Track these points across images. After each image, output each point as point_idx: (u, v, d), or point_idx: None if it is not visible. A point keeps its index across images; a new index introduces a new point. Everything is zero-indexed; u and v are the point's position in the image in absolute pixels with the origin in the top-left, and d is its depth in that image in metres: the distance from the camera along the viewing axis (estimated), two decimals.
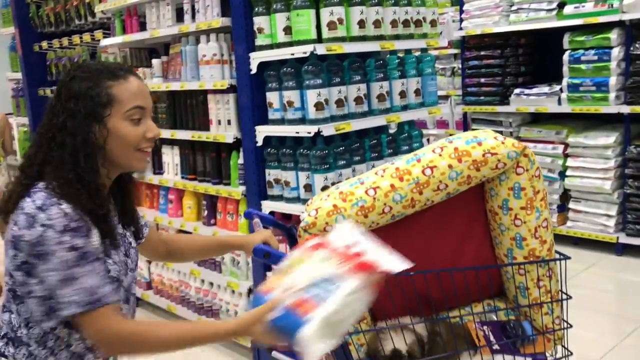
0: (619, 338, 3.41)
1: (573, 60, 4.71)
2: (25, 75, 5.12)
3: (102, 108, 1.43)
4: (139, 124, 1.48)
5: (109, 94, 1.44)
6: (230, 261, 3.36)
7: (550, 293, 1.85)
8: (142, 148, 1.49)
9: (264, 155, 2.99)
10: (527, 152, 1.74)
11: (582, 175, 4.77)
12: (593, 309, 3.79)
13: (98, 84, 1.44)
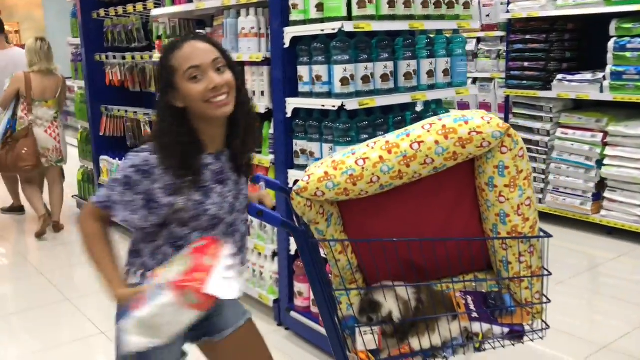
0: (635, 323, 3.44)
1: (618, 48, 4.65)
2: (83, 41, 5.42)
3: (171, 77, 1.71)
4: (199, 81, 1.70)
5: (171, 65, 1.72)
6: (258, 225, 3.55)
7: (531, 269, 1.95)
8: (209, 99, 1.71)
9: (293, 126, 3.15)
10: (511, 133, 1.83)
11: (619, 164, 4.73)
12: (616, 297, 3.82)
13: (165, 58, 1.73)
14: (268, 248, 3.49)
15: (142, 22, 4.84)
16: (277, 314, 3.50)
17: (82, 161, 6.04)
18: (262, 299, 3.58)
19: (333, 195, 1.85)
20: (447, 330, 1.90)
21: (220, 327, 1.98)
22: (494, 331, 1.93)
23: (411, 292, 1.92)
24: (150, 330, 1.54)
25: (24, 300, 4.16)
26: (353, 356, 1.89)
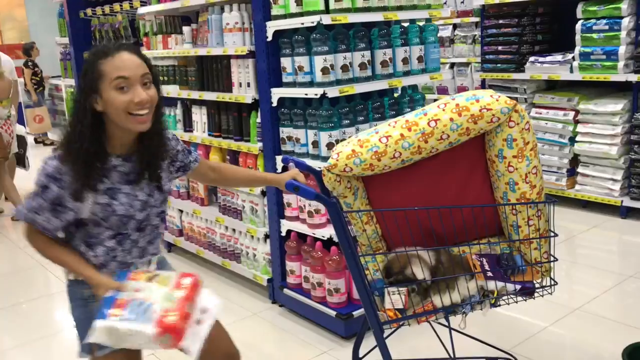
0: (605, 288, 3.70)
1: (585, 30, 4.88)
2: (71, 40, 5.57)
3: (96, 82, 1.74)
4: (125, 92, 1.75)
5: (99, 70, 1.74)
6: (250, 209, 3.75)
7: (539, 231, 2.19)
8: (132, 112, 1.76)
9: (278, 115, 3.35)
10: (518, 108, 2.07)
11: (590, 140, 4.98)
12: (590, 265, 4.07)
13: (94, 62, 1.75)
14: (260, 231, 3.70)
15: (128, 20, 4.99)
16: (270, 292, 3.72)
17: None
18: (256, 279, 3.79)
19: (360, 171, 2.07)
20: (466, 288, 2.13)
21: None
22: (508, 288, 2.16)
23: (432, 255, 2.14)
24: (117, 339, 1.71)
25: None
26: (382, 314, 2.11)
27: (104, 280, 1.80)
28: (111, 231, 1.86)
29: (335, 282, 3.20)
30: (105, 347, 1.83)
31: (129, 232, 1.89)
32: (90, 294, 1.85)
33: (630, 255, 4.35)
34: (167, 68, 4.26)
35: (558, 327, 3.27)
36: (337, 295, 3.21)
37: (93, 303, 1.84)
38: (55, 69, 6.47)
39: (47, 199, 1.77)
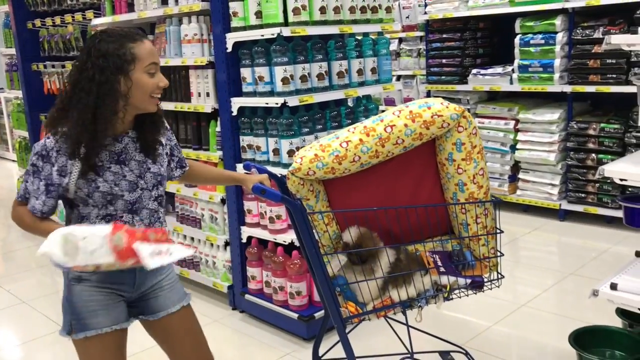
0: (547, 286, 3.94)
1: (523, 44, 5.19)
2: (19, 51, 5.48)
3: (127, 64, 1.82)
4: (153, 76, 1.88)
5: (132, 53, 1.82)
6: (209, 218, 3.81)
7: (487, 228, 2.36)
8: (154, 94, 1.90)
9: (239, 124, 3.43)
10: (466, 115, 2.23)
11: (530, 148, 5.27)
12: (532, 265, 4.31)
13: (123, 45, 1.81)
14: (220, 239, 3.76)
15: (80, 31, 4.97)
16: (231, 298, 3.78)
17: (21, 170, 6.07)
18: (216, 287, 3.84)
19: (322, 174, 2.18)
20: (421, 283, 2.25)
21: (154, 309, 2.08)
22: (459, 282, 2.30)
23: (391, 253, 2.27)
24: (70, 250, 1.66)
25: None
26: (344, 310, 2.22)
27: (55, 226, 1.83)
28: (97, 210, 1.90)
29: (297, 286, 3.30)
30: (85, 330, 1.91)
31: (117, 213, 1.92)
32: (75, 275, 1.91)
33: (568, 255, 4.63)
34: None
35: (504, 324, 3.46)
36: (298, 298, 3.31)
37: (75, 285, 1.92)
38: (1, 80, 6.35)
39: (42, 179, 1.84)
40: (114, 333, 1.96)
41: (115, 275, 1.94)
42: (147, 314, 2.09)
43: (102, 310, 1.94)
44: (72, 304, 1.94)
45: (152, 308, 2.08)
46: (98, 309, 1.94)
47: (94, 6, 4.67)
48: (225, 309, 3.80)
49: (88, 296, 1.94)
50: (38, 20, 5.32)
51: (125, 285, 2.00)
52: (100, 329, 1.93)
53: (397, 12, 6.44)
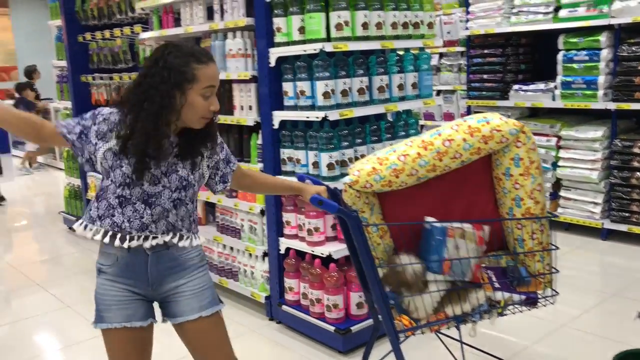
0: (589, 306, 3.86)
1: (566, 60, 5.13)
2: (69, 63, 5.68)
3: (186, 82, 1.88)
4: (207, 100, 1.93)
5: (193, 74, 1.88)
6: (249, 228, 3.87)
7: (542, 244, 2.34)
8: (204, 116, 1.95)
9: (279, 137, 3.49)
10: (525, 130, 2.24)
11: (572, 165, 5.20)
12: (575, 286, 4.23)
13: (188, 63, 1.88)
14: (258, 249, 3.81)
15: (128, 44, 5.13)
16: (268, 309, 3.81)
17: (68, 178, 6.27)
18: (254, 297, 3.89)
19: (379, 187, 2.22)
20: (475, 298, 2.26)
21: (174, 312, 2.10)
22: (514, 298, 2.30)
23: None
24: None
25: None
26: (398, 322, 2.23)
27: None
28: (115, 187, 1.94)
29: (334, 298, 3.32)
30: (101, 322, 2.02)
31: (132, 198, 1.95)
32: (97, 266, 2.03)
33: (611, 275, 4.53)
34: None
35: (544, 344, 3.41)
36: (335, 310, 3.33)
37: (97, 277, 2.03)
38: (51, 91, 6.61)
39: (81, 125, 1.98)
40: (125, 330, 2.01)
41: (128, 270, 2.01)
42: (168, 317, 2.13)
43: (115, 306, 2.02)
44: (95, 293, 2.06)
45: (172, 312, 2.10)
46: (112, 304, 2.02)
47: (142, 20, 4.81)
48: (262, 319, 3.84)
49: (104, 290, 2.03)
50: (88, 33, 5.51)
51: (138, 281, 2.03)
52: (111, 323, 2.02)
53: (438, 27, 6.45)
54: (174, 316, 2.10)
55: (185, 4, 4.06)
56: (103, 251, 2.03)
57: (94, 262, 2.08)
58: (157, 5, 4.33)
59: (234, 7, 3.62)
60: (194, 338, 2.12)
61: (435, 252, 2.23)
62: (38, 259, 5.56)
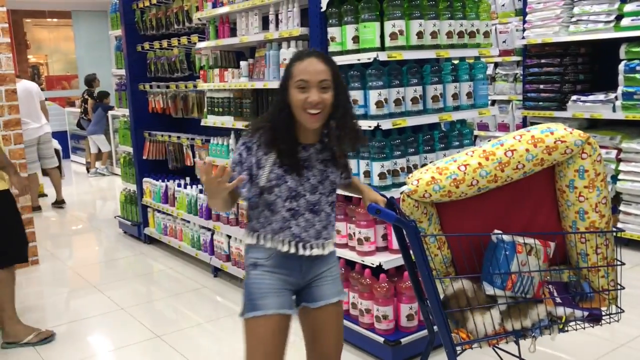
0: None
1: (628, 70, 4.96)
2: (128, 72, 5.85)
3: (286, 79, 2.08)
4: (304, 92, 2.03)
5: (290, 70, 2.07)
6: None
7: (607, 259, 2.27)
8: (306, 110, 2.04)
9: None
10: (591, 141, 2.17)
11: (633, 179, 5.01)
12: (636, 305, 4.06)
13: (290, 64, 2.09)
14: None
15: (184, 54, 5.25)
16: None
17: (124, 184, 6.44)
18: None
19: (438, 197, 2.19)
20: (536, 314, 2.20)
21: (315, 297, 2.24)
22: (576, 314, 2.24)
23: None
24: None
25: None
26: (455, 335, 2.20)
27: None
28: (281, 200, 2.11)
29: (384, 309, 3.28)
30: (255, 310, 2.10)
31: (300, 209, 2.13)
32: (250, 262, 2.15)
33: None
34: (223, 100, 4.47)
35: None
36: (385, 322, 3.29)
37: (252, 270, 2.15)
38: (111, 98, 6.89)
39: (245, 167, 2.11)
40: (278, 317, 2.12)
41: (284, 262, 2.15)
42: (308, 301, 2.24)
43: (272, 294, 2.13)
44: (247, 286, 2.16)
45: (314, 296, 2.23)
46: (268, 293, 2.13)
47: (198, 30, 4.91)
48: None
49: (261, 280, 2.14)
50: (147, 43, 5.66)
51: (293, 271, 2.18)
52: (267, 310, 2.10)
53: (494, 36, 6.35)
54: (316, 300, 2.24)
55: (242, 14, 4.12)
56: (258, 246, 2.16)
57: (147, 266, 2.14)
58: (214, 15, 4.41)
59: (289, 17, 3.66)
60: (325, 321, 2.26)
61: (502, 267, 2.17)
62: (95, 261, 5.73)
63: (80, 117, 10.94)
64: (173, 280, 4.97)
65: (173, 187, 5.43)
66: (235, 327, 4.02)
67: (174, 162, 5.61)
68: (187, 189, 5.21)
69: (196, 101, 5.18)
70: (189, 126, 5.63)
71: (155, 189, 5.69)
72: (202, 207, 4.94)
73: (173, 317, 4.27)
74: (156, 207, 5.69)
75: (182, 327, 4.04)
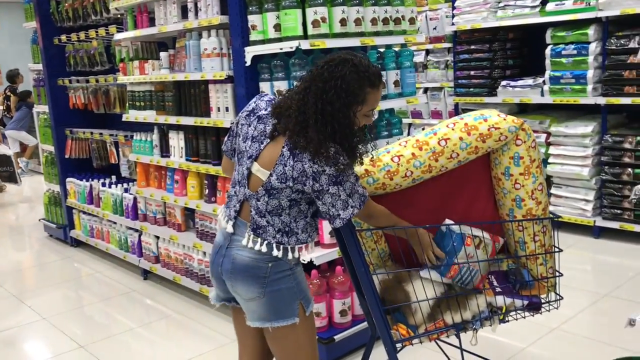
0: (581, 307, 3.75)
1: (555, 55, 5.02)
2: (45, 67, 5.52)
3: (356, 105, 1.89)
4: (367, 118, 1.96)
5: (365, 97, 1.90)
6: None
7: (545, 247, 2.23)
8: None
9: None
10: (525, 127, 2.11)
11: (562, 162, 5.08)
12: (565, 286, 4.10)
13: (363, 87, 1.89)
14: None
15: (104, 46, 4.98)
16: None
17: (47, 184, 6.11)
18: None
19: (372, 190, 2.10)
20: (476, 305, 2.14)
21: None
22: (516, 304, 2.19)
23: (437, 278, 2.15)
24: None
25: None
26: (395, 332, 2.12)
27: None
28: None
29: (316, 306, 3.17)
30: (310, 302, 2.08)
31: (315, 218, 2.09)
32: (295, 260, 2.03)
33: (603, 274, 4.42)
34: (144, 93, 4.25)
35: (537, 347, 3.30)
36: (318, 319, 3.19)
37: (296, 267, 2.05)
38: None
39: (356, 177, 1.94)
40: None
41: None
42: None
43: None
44: (299, 284, 2.05)
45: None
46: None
47: (117, 21, 4.66)
48: None
49: (302, 277, 2.09)
50: (64, 35, 5.35)
51: None
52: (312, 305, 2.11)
53: (424, 23, 6.32)
54: None
55: (160, 3, 3.91)
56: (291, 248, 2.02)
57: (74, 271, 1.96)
58: (131, 4, 4.18)
59: (208, 4, 3.48)
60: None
61: (447, 256, 2.11)
62: (17, 268, 5.39)
63: (4, 115, 10.38)
64: (101, 285, 4.74)
65: (98, 187, 5.17)
66: (168, 331, 3.85)
67: (98, 161, 5.34)
68: (112, 189, 4.97)
69: (118, 95, 4.93)
70: (113, 122, 5.37)
71: (79, 189, 5.41)
72: (128, 207, 4.72)
73: (102, 323, 4.06)
74: (81, 208, 5.41)
75: (112, 333, 3.84)
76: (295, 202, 1.98)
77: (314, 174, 1.87)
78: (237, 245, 2.03)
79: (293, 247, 2.02)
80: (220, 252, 2.08)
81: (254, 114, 2.07)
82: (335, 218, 1.93)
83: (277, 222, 1.99)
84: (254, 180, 2.00)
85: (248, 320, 2.09)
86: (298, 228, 2.02)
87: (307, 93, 1.91)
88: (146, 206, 4.56)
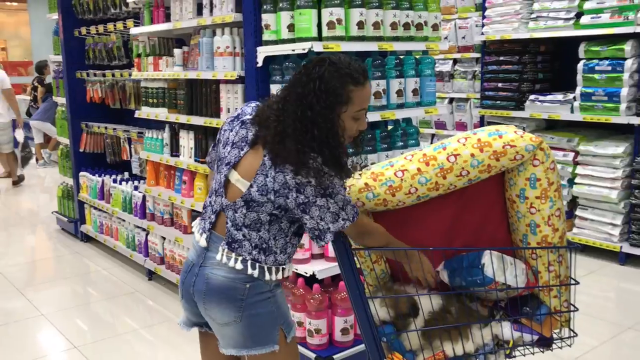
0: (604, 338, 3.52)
1: (587, 70, 4.78)
2: (65, 59, 5.47)
3: (339, 105, 1.75)
4: (357, 121, 1.82)
5: (349, 96, 1.76)
6: None
7: (560, 278, 2.02)
8: (351, 136, 1.84)
9: None
10: (544, 146, 1.91)
11: (590, 183, 4.84)
12: (586, 314, 3.88)
13: (344, 85, 1.75)
14: None
15: (122, 40, 4.90)
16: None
17: (62, 177, 6.06)
18: None
19: (372, 206, 1.93)
20: (480, 337, 1.96)
21: None
22: (524, 338, 2.00)
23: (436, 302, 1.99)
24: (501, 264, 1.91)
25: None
26: None
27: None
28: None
29: (316, 323, 3.02)
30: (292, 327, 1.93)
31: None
32: (276, 281, 1.87)
33: (628, 304, 4.18)
34: (157, 90, 4.15)
35: None
36: (317, 336, 3.03)
37: (277, 289, 1.90)
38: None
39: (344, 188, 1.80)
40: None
41: None
42: None
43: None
44: (279, 307, 1.90)
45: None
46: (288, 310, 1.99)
47: (136, 15, 4.57)
48: None
49: (284, 298, 1.96)
50: (84, 28, 5.29)
51: None
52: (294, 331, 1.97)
53: (453, 31, 6.13)
54: None
55: None
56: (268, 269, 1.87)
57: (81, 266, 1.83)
58: None
59: (223, 1, 3.36)
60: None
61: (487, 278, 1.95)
62: (25, 261, 5.34)
63: (30, 105, 10.44)
64: (106, 283, 4.64)
65: (109, 183, 5.09)
66: (169, 335, 3.73)
67: (111, 156, 5.26)
68: (123, 185, 4.88)
69: (134, 91, 4.84)
70: (129, 118, 5.28)
71: (92, 183, 5.34)
72: (137, 205, 4.62)
73: (102, 323, 3.95)
74: (92, 203, 5.33)
75: (112, 334, 3.72)
76: (276, 219, 1.82)
77: (297, 185, 1.73)
78: (211, 263, 1.86)
79: (270, 267, 1.85)
80: (193, 271, 1.90)
81: (237, 119, 1.93)
82: (325, 232, 1.76)
83: (255, 237, 1.83)
84: (232, 190, 1.84)
85: (221, 347, 1.92)
86: (277, 247, 1.86)
87: (286, 101, 1.77)
88: (154, 205, 4.46)
